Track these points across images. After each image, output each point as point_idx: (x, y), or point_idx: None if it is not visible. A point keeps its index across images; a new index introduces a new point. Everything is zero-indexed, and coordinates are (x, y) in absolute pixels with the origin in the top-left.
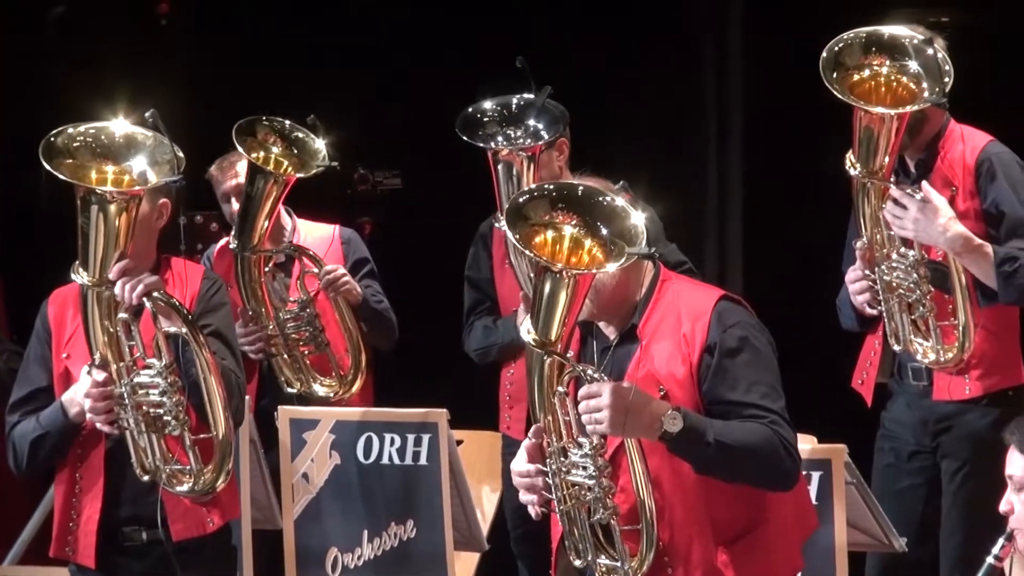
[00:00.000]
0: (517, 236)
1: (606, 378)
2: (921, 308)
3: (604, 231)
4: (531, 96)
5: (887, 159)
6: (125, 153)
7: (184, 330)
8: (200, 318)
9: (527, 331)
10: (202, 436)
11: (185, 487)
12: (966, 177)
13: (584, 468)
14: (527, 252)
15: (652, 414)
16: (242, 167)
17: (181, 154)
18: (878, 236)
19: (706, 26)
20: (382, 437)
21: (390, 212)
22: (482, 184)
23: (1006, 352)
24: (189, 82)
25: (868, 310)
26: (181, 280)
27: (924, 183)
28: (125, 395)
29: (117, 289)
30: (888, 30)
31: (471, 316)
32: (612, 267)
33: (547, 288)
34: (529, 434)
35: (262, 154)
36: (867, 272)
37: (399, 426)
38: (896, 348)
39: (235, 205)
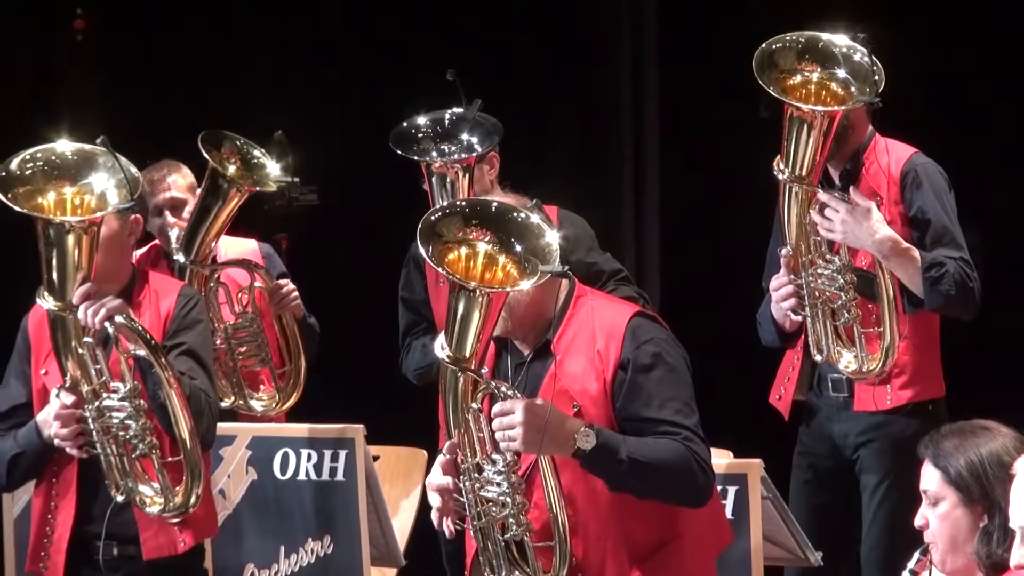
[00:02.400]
0: (431, 253)
1: (519, 395)
2: (846, 315)
3: (518, 248)
4: (461, 110)
5: (815, 164)
6: (82, 171)
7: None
8: (174, 336)
9: (441, 347)
10: (170, 459)
11: (156, 508)
12: (891, 187)
13: (498, 485)
14: (440, 270)
15: (565, 431)
16: (172, 180)
17: (138, 173)
18: (803, 244)
19: (620, 27)
20: (299, 453)
21: (306, 228)
22: (400, 200)
23: (927, 363)
24: (105, 98)
25: (793, 317)
26: (157, 296)
27: (852, 188)
28: (90, 419)
29: (80, 314)
30: (826, 37)
31: (407, 337)
32: (526, 285)
33: (461, 306)
34: (444, 450)
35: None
36: (793, 277)
37: (316, 442)
38: (818, 358)
39: (168, 218)
